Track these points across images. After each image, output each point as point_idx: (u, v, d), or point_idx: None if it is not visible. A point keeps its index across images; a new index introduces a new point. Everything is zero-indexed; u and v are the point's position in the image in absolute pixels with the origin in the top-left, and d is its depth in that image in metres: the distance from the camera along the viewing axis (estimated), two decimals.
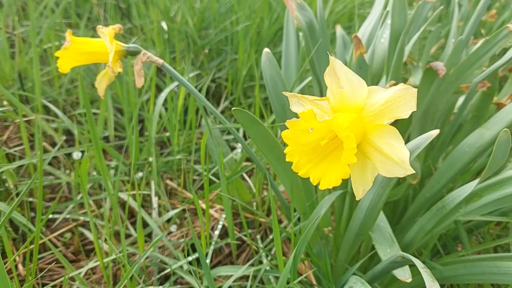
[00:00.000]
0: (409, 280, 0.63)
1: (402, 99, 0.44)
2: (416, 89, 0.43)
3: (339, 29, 1.09)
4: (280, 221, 1.13)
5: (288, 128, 0.47)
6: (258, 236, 1.07)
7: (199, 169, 1.22)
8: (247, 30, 1.60)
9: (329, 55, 0.48)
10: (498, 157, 0.60)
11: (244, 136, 1.34)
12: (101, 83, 0.75)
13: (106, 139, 1.36)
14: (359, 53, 0.71)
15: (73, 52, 0.72)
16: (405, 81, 1.01)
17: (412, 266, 0.63)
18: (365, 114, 0.47)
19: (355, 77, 0.46)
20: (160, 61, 0.75)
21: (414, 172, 0.43)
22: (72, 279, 0.92)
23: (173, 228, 1.11)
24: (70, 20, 1.77)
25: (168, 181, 1.23)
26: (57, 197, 1.18)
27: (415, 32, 0.88)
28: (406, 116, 0.44)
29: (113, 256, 0.89)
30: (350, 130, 0.43)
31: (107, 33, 0.72)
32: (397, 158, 0.44)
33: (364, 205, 0.68)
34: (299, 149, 0.48)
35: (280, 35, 1.70)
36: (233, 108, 0.62)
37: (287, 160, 0.49)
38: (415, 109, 0.43)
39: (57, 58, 0.72)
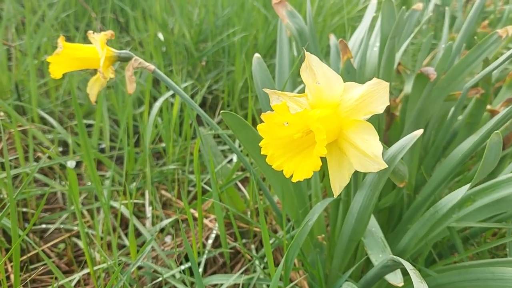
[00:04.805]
0: (401, 284, 0.62)
1: (375, 93, 0.45)
2: (388, 83, 0.43)
3: (332, 39, 1.10)
4: (275, 231, 1.12)
5: (263, 121, 0.47)
6: (253, 246, 1.06)
7: (194, 179, 1.22)
8: (243, 42, 1.61)
9: (304, 50, 0.48)
10: (489, 160, 0.60)
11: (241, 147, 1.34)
12: (93, 89, 0.75)
13: (102, 151, 1.36)
14: (346, 58, 0.71)
15: (65, 57, 0.73)
16: (397, 90, 1.01)
17: (407, 274, 0.62)
18: (341, 110, 0.47)
19: (331, 73, 0.46)
20: (152, 67, 0.76)
21: (386, 166, 0.43)
22: None
23: (167, 238, 1.10)
24: (69, 34, 1.79)
25: (163, 192, 1.22)
26: (52, 207, 1.18)
27: (405, 39, 0.89)
28: (381, 111, 0.44)
29: (103, 265, 0.88)
30: (320, 122, 0.44)
31: (98, 39, 0.72)
32: (370, 152, 0.44)
33: (354, 209, 0.68)
34: (274, 142, 0.49)
35: (276, 46, 1.72)
36: (221, 111, 0.62)
37: (262, 153, 0.49)
38: (388, 103, 0.43)
39: (49, 63, 0.73)
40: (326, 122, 0.45)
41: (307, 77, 0.47)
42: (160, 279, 0.93)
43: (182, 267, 0.94)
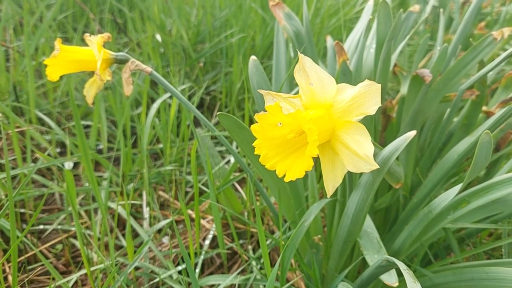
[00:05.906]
0: (396, 284, 0.62)
1: (367, 95, 0.45)
2: (380, 85, 0.44)
3: (329, 40, 1.10)
4: (272, 232, 1.12)
5: (257, 122, 0.48)
6: (250, 247, 1.07)
7: (191, 180, 1.22)
8: (241, 43, 1.62)
9: (299, 52, 0.48)
10: (480, 159, 0.60)
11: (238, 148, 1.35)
12: (90, 91, 0.76)
13: (100, 152, 1.36)
14: (342, 60, 0.71)
15: (62, 60, 0.73)
16: (394, 91, 1.02)
17: (403, 275, 0.62)
18: (333, 111, 0.48)
19: (324, 74, 0.47)
20: (149, 69, 0.76)
21: (378, 167, 0.44)
22: None
23: (165, 239, 1.10)
24: (67, 35, 1.79)
25: (161, 192, 1.23)
26: (49, 208, 1.18)
27: (402, 40, 0.89)
28: (373, 112, 0.45)
29: (100, 266, 0.89)
30: (313, 123, 0.44)
31: (95, 41, 0.73)
32: (362, 153, 0.45)
33: (350, 210, 0.68)
34: (267, 143, 0.49)
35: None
36: (218, 113, 0.62)
37: (255, 153, 0.49)
38: (380, 105, 0.44)
39: (46, 66, 0.73)
40: (318, 123, 0.46)
41: (301, 78, 0.48)
42: (157, 279, 0.94)
43: (179, 267, 0.94)
